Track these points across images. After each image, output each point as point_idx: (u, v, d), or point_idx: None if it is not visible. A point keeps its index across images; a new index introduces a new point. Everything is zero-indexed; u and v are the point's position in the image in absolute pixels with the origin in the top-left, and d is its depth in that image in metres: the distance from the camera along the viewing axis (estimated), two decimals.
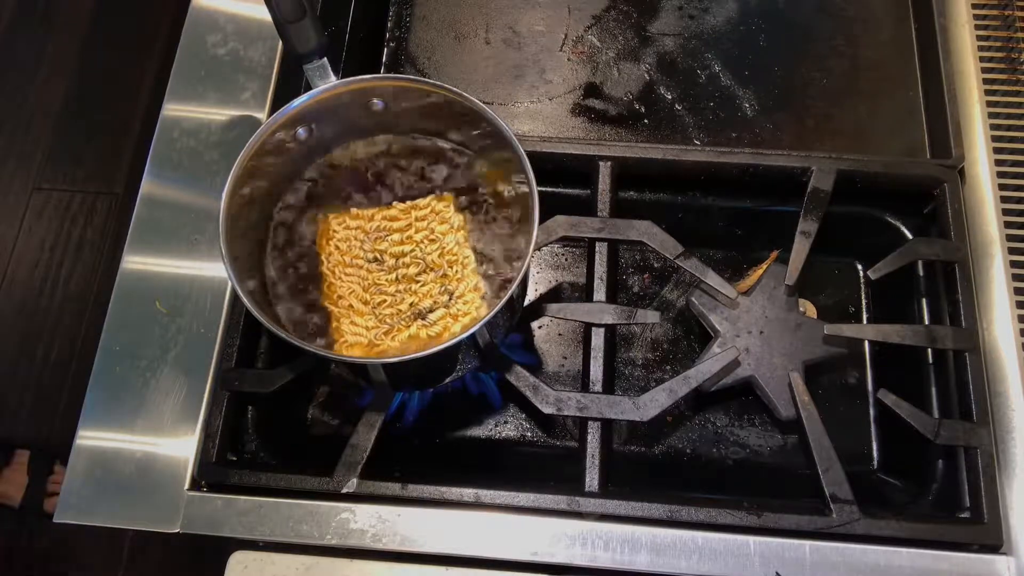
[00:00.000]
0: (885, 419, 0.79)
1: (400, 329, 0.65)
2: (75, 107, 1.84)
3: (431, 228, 0.68)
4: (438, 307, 0.66)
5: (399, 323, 0.66)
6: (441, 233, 0.68)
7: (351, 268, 0.68)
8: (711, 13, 0.91)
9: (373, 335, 0.65)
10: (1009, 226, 0.76)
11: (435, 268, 0.67)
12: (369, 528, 0.66)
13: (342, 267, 0.68)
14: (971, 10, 0.85)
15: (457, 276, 0.67)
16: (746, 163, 0.78)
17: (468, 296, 0.66)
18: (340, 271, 0.68)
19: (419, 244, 0.68)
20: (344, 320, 0.66)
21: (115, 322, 0.74)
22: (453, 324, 0.65)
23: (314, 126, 0.68)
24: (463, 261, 0.67)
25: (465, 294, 0.66)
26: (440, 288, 0.66)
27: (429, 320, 0.65)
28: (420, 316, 0.66)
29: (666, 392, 0.70)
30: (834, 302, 0.84)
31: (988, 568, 0.65)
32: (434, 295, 0.66)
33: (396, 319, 0.66)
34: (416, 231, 0.68)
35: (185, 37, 0.84)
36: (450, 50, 0.90)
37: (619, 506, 0.66)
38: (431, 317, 0.65)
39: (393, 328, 0.65)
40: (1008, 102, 0.81)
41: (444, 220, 0.68)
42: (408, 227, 0.69)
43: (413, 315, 0.66)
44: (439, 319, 0.65)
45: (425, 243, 0.68)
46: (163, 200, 0.78)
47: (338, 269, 0.68)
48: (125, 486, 0.68)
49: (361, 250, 0.68)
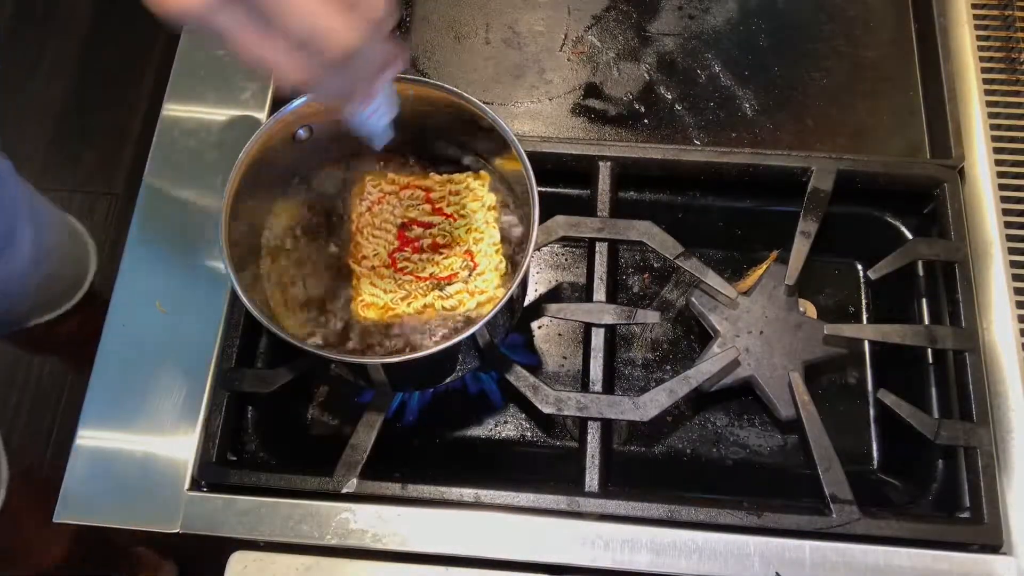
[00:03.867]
0: (885, 419, 0.79)
1: (416, 296, 0.66)
2: (75, 107, 1.84)
3: (463, 204, 0.69)
4: (457, 281, 0.66)
5: (416, 291, 0.66)
6: (472, 210, 0.69)
7: (379, 231, 0.69)
8: (711, 13, 0.91)
9: (390, 299, 0.66)
10: (1009, 226, 0.76)
11: (460, 243, 0.68)
12: (369, 528, 0.66)
13: (371, 228, 0.69)
14: (971, 10, 0.85)
15: (481, 253, 0.67)
16: (746, 163, 0.78)
17: (488, 275, 0.67)
18: (369, 232, 0.69)
19: (448, 217, 0.69)
20: (364, 280, 0.67)
21: (115, 322, 0.74)
22: (469, 300, 0.66)
23: (314, 126, 0.68)
24: (489, 240, 0.68)
25: (485, 272, 0.67)
26: (462, 263, 0.67)
27: (446, 292, 0.66)
28: (438, 287, 0.66)
29: (666, 392, 0.70)
30: (834, 302, 0.84)
31: (988, 568, 0.65)
32: (455, 268, 0.67)
33: (414, 286, 0.66)
34: (448, 204, 0.69)
35: (185, 37, 0.84)
36: (450, 50, 0.90)
37: (619, 506, 0.66)
38: (448, 290, 0.66)
39: (410, 295, 0.66)
40: (1008, 102, 0.81)
41: (477, 198, 0.69)
42: (441, 199, 0.70)
43: (432, 285, 0.66)
44: (456, 292, 0.66)
45: (456, 217, 0.69)
46: (163, 200, 0.78)
47: (367, 230, 0.69)
48: (125, 486, 0.68)
49: (392, 215, 0.69)
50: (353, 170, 0.72)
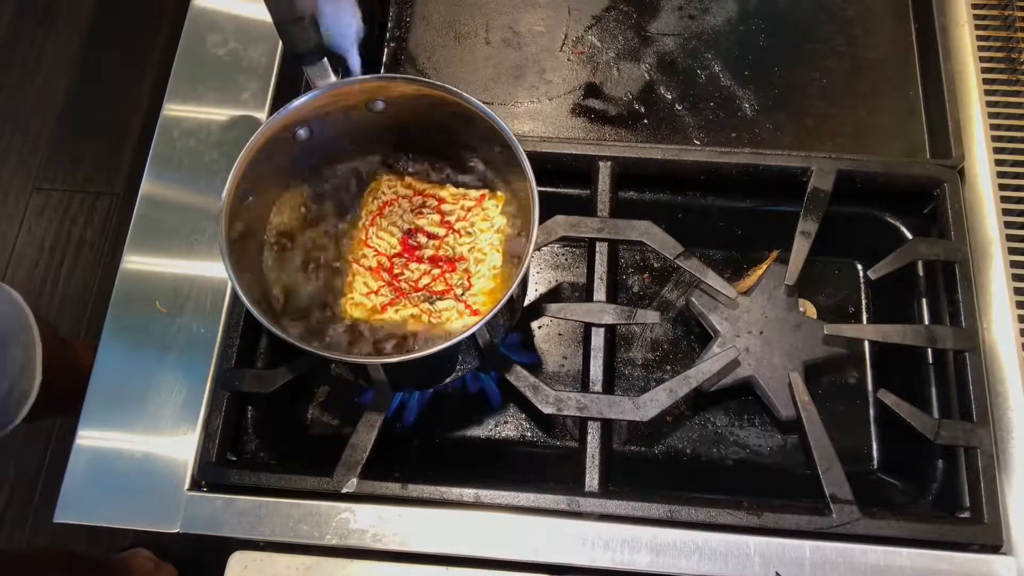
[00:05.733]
0: (885, 419, 0.79)
1: (406, 305, 0.66)
2: (75, 107, 1.84)
3: (472, 222, 0.69)
4: (448, 297, 0.66)
5: (407, 299, 0.66)
6: (480, 230, 0.69)
7: (385, 232, 0.69)
8: (711, 13, 0.91)
9: (379, 301, 0.66)
10: (1009, 226, 0.76)
11: (461, 261, 0.68)
12: (369, 528, 0.66)
13: (377, 228, 0.69)
14: (971, 10, 0.85)
15: (479, 274, 0.67)
16: (746, 163, 0.78)
17: (481, 297, 0.66)
18: (373, 231, 0.69)
19: (455, 233, 0.69)
20: (359, 279, 0.67)
21: (115, 322, 0.74)
22: (456, 318, 0.66)
23: (314, 126, 0.68)
24: (489, 263, 0.68)
25: (479, 294, 0.66)
26: (458, 279, 0.67)
27: (436, 307, 0.66)
28: (428, 300, 0.66)
29: (666, 392, 0.70)
30: (834, 302, 0.84)
31: (988, 568, 0.65)
32: (449, 284, 0.67)
33: (406, 294, 0.67)
34: (458, 219, 0.69)
35: (185, 37, 0.85)
36: (450, 50, 0.90)
37: (619, 506, 0.66)
38: (439, 304, 0.66)
39: (399, 301, 0.66)
40: (1008, 102, 0.81)
41: (488, 218, 0.69)
42: (452, 213, 0.70)
43: (423, 296, 0.66)
44: (445, 308, 0.66)
45: (463, 234, 0.69)
46: (163, 200, 0.78)
47: (372, 229, 0.69)
48: (125, 486, 0.68)
49: (401, 219, 0.69)
50: (362, 169, 0.72)
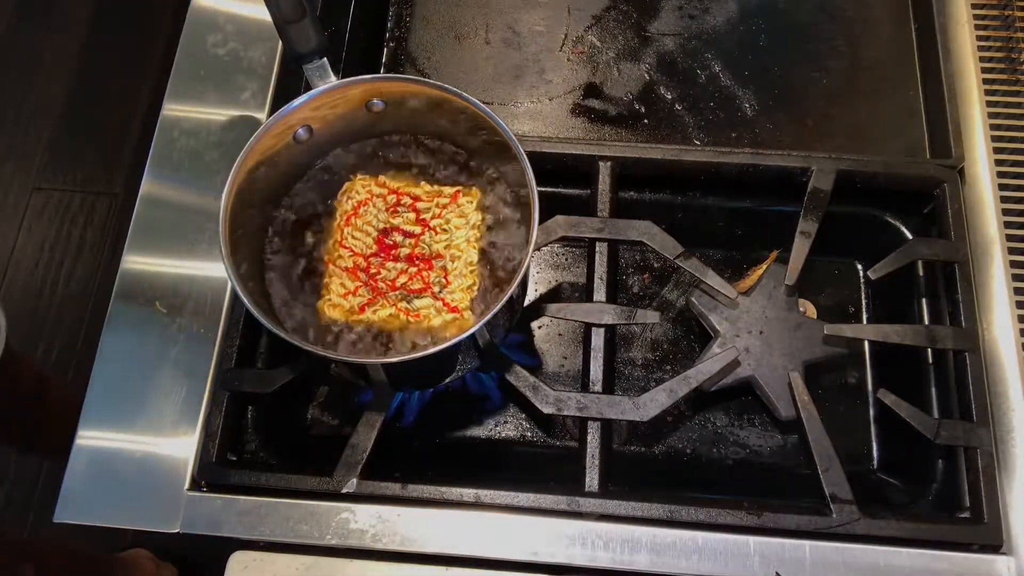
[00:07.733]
0: (885, 419, 0.79)
1: (383, 305, 0.66)
2: (75, 107, 1.84)
3: (447, 219, 0.69)
4: (426, 295, 0.66)
5: (384, 299, 0.66)
6: (455, 227, 0.69)
7: (360, 232, 0.69)
8: (711, 13, 0.91)
9: (356, 302, 0.66)
10: (1009, 226, 0.76)
11: (437, 258, 0.68)
12: (369, 528, 0.66)
13: (352, 229, 0.69)
14: (971, 10, 0.85)
15: (455, 271, 0.67)
16: (746, 163, 0.78)
17: (458, 294, 0.66)
18: (349, 232, 0.68)
19: (431, 230, 0.69)
20: (336, 279, 0.67)
21: (115, 322, 0.74)
22: (435, 316, 0.66)
23: (314, 126, 0.68)
24: (466, 259, 0.67)
25: (456, 292, 0.66)
26: (435, 278, 0.67)
27: (414, 306, 0.66)
28: (406, 299, 0.66)
29: (666, 392, 0.70)
30: (834, 302, 0.84)
31: (988, 568, 0.65)
32: (427, 282, 0.67)
33: (384, 294, 0.66)
34: (433, 217, 0.69)
35: (185, 37, 0.84)
36: (450, 50, 0.90)
37: (619, 506, 0.66)
38: (416, 303, 0.66)
39: (377, 301, 0.66)
40: (1008, 102, 0.81)
41: (463, 215, 0.69)
42: (427, 210, 0.69)
43: (401, 295, 0.66)
44: (423, 307, 0.66)
45: (438, 231, 0.69)
46: (163, 200, 0.78)
47: (347, 229, 0.69)
48: (125, 486, 0.68)
49: (375, 219, 0.69)
50: (355, 170, 0.72)
